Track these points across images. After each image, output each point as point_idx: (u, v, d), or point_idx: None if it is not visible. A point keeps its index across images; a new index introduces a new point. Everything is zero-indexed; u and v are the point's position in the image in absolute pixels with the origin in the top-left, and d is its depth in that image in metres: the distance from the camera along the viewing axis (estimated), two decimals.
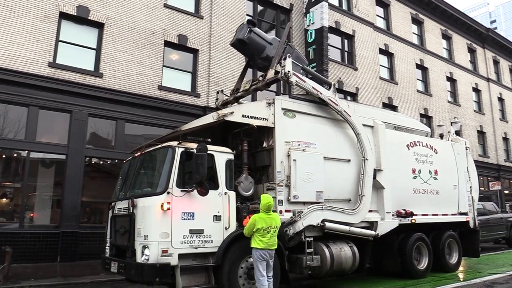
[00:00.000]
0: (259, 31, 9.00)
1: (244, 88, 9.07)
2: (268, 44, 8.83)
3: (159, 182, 6.74)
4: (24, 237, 11.41)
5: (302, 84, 8.48)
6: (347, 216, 8.43)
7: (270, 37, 9.08)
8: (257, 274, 6.52)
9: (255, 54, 8.99)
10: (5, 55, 11.88)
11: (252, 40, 8.70)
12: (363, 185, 8.74)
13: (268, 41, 8.89)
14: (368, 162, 8.87)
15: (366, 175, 8.79)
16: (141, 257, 6.37)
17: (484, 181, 27.06)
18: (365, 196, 8.68)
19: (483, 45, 31.39)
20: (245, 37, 8.60)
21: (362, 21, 21.97)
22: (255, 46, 8.82)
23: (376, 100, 21.41)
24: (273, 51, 8.73)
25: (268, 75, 8.42)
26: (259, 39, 8.82)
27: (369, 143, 9.06)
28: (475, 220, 11.58)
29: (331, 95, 8.89)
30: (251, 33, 8.72)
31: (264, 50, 8.79)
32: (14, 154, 12.43)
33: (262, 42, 8.82)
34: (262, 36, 8.96)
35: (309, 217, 7.81)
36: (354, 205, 8.68)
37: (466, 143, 12.14)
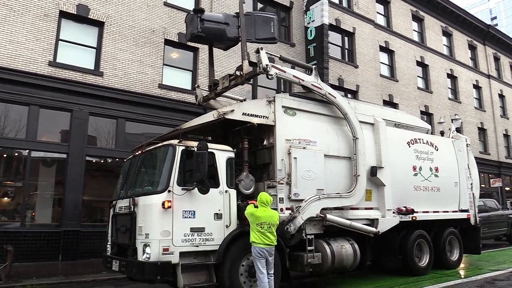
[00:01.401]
0: (210, 16, 8.42)
1: (224, 86, 8.65)
2: (225, 26, 8.32)
3: (160, 181, 6.74)
4: (25, 236, 11.44)
5: (282, 75, 8.21)
6: (344, 200, 8.39)
7: (222, 16, 8.50)
8: (257, 272, 6.53)
9: (215, 40, 8.63)
10: (5, 54, 11.89)
11: (207, 30, 8.17)
12: (356, 165, 8.67)
13: (223, 22, 8.33)
14: (358, 141, 8.77)
15: (358, 154, 8.72)
16: (142, 256, 6.38)
17: (485, 178, 27.05)
18: (360, 175, 8.62)
19: (484, 42, 31.34)
20: (199, 30, 8.06)
21: (362, 19, 21.93)
22: (213, 34, 8.35)
23: (376, 97, 21.40)
24: (233, 30, 8.32)
25: (245, 69, 8.03)
26: (214, 24, 8.28)
27: (358, 123, 8.95)
28: (476, 217, 11.57)
29: (313, 80, 8.67)
30: (203, 22, 8.16)
31: (223, 33, 8.34)
32: (15, 153, 12.45)
33: (218, 27, 8.30)
34: (216, 19, 8.38)
35: (308, 210, 7.78)
36: (350, 187, 8.63)
37: (466, 140, 12.12)
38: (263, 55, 7.83)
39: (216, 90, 8.84)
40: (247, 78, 8.29)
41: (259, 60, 7.81)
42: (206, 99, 9.20)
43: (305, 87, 8.64)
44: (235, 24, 8.31)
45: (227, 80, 8.51)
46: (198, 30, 8.05)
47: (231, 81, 8.43)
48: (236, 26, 8.29)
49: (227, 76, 8.54)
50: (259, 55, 7.81)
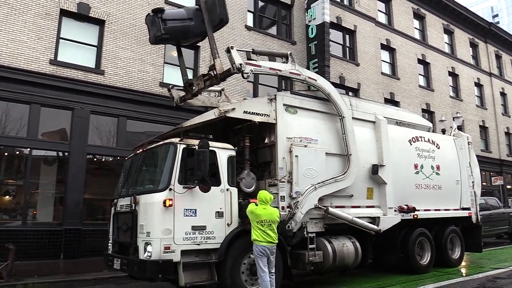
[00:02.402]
0: (172, 14, 7.92)
1: (199, 87, 8.14)
2: (189, 21, 7.82)
3: (161, 179, 6.75)
4: (27, 235, 11.45)
5: (258, 70, 7.94)
6: (339, 183, 8.34)
7: (184, 12, 8.01)
8: (259, 270, 6.53)
9: (181, 38, 8.21)
10: (6, 53, 11.89)
11: (171, 30, 7.72)
12: (347, 144, 8.61)
13: (186, 18, 7.86)
14: (345, 119, 8.69)
15: (347, 133, 8.64)
16: (143, 254, 6.39)
17: (486, 176, 27.00)
18: (352, 155, 8.57)
19: (485, 40, 31.25)
20: (163, 32, 7.64)
21: (363, 16, 21.88)
22: (178, 33, 7.90)
23: (378, 95, 21.37)
24: (199, 26, 7.79)
25: (218, 68, 7.61)
26: (178, 22, 7.80)
27: (342, 101, 8.90)
28: (477, 215, 11.56)
29: (291, 68, 8.39)
30: (166, 22, 7.68)
31: (188, 30, 7.88)
32: (16, 152, 12.45)
33: (182, 24, 7.82)
34: (178, 17, 7.91)
35: (306, 202, 7.76)
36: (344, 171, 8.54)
37: (468, 138, 12.10)
38: (234, 54, 7.47)
39: (192, 91, 8.39)
40: (223, 78, 7.86)
41: (231, 60, 7.46)
42: (183, 100, 8.81)
43: (283, 77, 8.44)
44: (199, 18, 7.77)
45: (201, 80, 8.10)
46: (162, 32, 7.61)
47: (206, 82, 8.04)
48: (200, 20, 7.76)
49: (201, 76, 8.16)
50: (230, 55, 7.46)
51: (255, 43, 17.28)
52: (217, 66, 7.63)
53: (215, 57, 7.64)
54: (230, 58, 7.44)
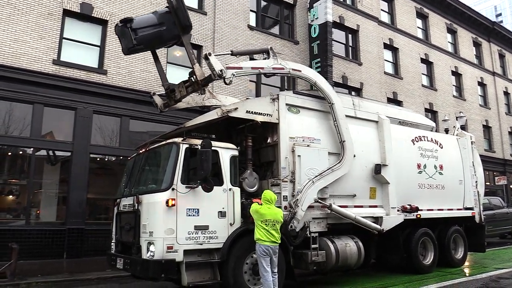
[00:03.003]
0: (141, 22, 7.52)
1: (181, 94, 7.94)
2: (160, 27, 7.48)
3: (163, 179, 6.75)
4: (30, 234, 11.50)
5: (240, 72, 7.71)
6: (336, 172, 8.27)
7: (154, 17, 7.59)
8: (261, 270, 6.52)
9: (155, 45, 7.94)
10: (10, 53, 11.93)
11: (143, 39, 7.41)
12: (339, 131, 8.51)
13: (157, 23, 7.49)
14: (335, 105, 8.58)
15: (338, 119, 8.53)
16: (146, 254, 6.40)
17: (490, 176, 26.93)
18: (346, 141, 8.48)
19: (489, 39, 31.15)
20: (134, 43, 7.32)
21: (366, 16, 21.85)
22: (150, 41, 7.60)
23: (380, 95, 21.33)
24: (172, 30, 7.49)
25: (198, 74, 7.42)
26: (149, 30, 7.44)
27: (331, 88, 8.82)
28: (481, 215, 11.51)
29: (273, 63, 8.14)
30: (136, 32, 7.35)
31: (161, 36, 7.60)
32: (19, 152, 12.50)
33: (154, 31, 7.46)
34: (149, 23, 7.52)
35: (306, 199, 7.72)
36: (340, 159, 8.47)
37: (471, 137, 12.06)
38: (213, 60, 7.25)
39: (175, 97, 8.12)
40: (204, 84, 7.73)
41: (210, 67, 7.25)
42: (167, 106, 8.53)
43: (267, 74, 8.30)
44: (171, 21, 7.44)
45: (183, 87, 7.85)
46: (134, 43, 7.32)
47: (188, 88, 7.82)
48: (172, 23, 7.44)
49: (182, 83, 7.90)
50: (209, 61, 7.23)
51: (258, 42, 17.28)
52: (196, 72, 7.43)
53: (193, 63, 7.43)
54: (209, 65, 7.24)
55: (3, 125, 11.91)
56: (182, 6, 7.31)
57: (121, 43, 7.61)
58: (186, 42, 7.60)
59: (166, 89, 8.13)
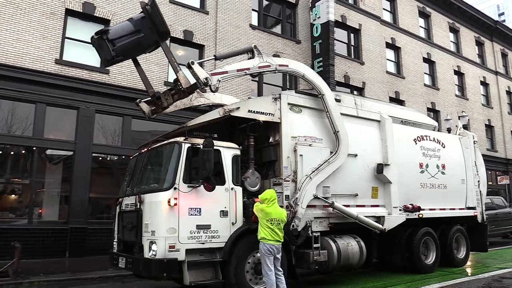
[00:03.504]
0: (118, 32, 7.23)
1: (168, 102, 7.67)
2: (137, 34, 7.17)
3: (165, 178, 6.76)
4: (33, 233, 11.53)
5: (226, 77, 7.47)
6: (333, 164, 8.19)
7: (131, 24, 7.28)
8: (265, 269, 6.53)
9: (135, 53, 7.64)
10: (12, 52, 11.96)
11: (122, 49, 7.14)
12: (332, 122, 8.42)
13: (134, 30, 7.18)
14: (325, 96, 8.45)
15: (330, 110, 8.43)
16: (148, 253, 6.40)
17: (492, 176, 26.87)
18: (340, 131, 8.40)
19: (491, 38, 31.07)
20: (113, 54, 7.09)
21: (368, 15, 21.82)
22: (129, 50, 7.33)
23: (383, 94, 21.31)
24: (150, 36, 7.18)
25: (183, 82, 7.14)
26: (126, 39, 7.14)
27: (320, 79, 8.72)
28: (483, 214, 11.50)
29: (259, 62, 7.86)
30: (114, 43, 7.08)
31: (140, 43, 7.30)
32: (22, 151, 12.53)
33: (132, 40, 7.16)
34: (125, 32, 7.22)
35: (305, 196, 7.70)
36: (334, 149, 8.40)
37: (474, 137, 12.04)
38: (197, 69, 7.02)
39: (162, 105, 7.79)
40: (190, 92, 7.47)
41: (195, 76, 7.03)
42: (154, 112, 8.16)
43: (254, 74, 8.12)
44: (148, 27, 7.11)
45: (169, 95, 7.57)
46: (112, 55, 7.07)
47: (174, 96, 7.55)
48: (149, 28, 7.11)
49: (168, 91, 7.62)
50: (192, 70, 7.01)
51: (260, 42, 17.27)
52: (181, 80, 7.14)
53: (176, 71, 7.17)
54: (193, 74, 7.03)
55: (6, 124, 11.94)
56: (157, 12, 7.04)
57: (100, 55, 7.37)
58: (166, 49, 7.39)
59: (152, 96, 7.81)
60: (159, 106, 7.84)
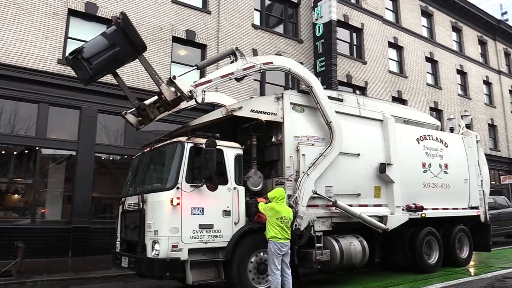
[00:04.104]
0: (92, 49, 6.93)
1: (154, 115, 7.64)
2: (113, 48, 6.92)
3: (168, 178, 6.77)
4: (36, 233, 11.56)
5: (211, 85, 7.28)
6: (328, 156, 8.09)
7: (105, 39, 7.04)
8: (272, 268, 6.55)
9: (113, 68, 7.37)
10: (15, 52, 11.99)
11: (99, 67, 6.94)
12: (324, 113, 8.27)
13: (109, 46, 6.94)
14: (314, 88, 8.35)
15: (320, 101, 8.30)
16: (151, 252, 6.42)
17: (495, 175, 26.79)
18: (332, 122, 8.29)
19: (494, 37, 30.98)
20: (91, 74, 6.90)
21: (370, 14, 21.78)
22: (107, 66, 7.13)
23: (385, 94, 21.27)
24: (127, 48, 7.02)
25: (167, 95, 7.04)
26: (102, 55, 6.88)
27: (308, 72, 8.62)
28: (486, 214, 11.47)
29: (243, 64, 7.68)
30: (90, 62, 6.83)
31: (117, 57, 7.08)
32: (25, 151, 12.56)
33: (108, 55, 6.91)
34: (101, 48, 6.94)
35: (304, 193, 7.67)
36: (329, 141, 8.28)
37: (477, 136, 12.01)
38: (179, 83, 6.87)
39: (149, 117, 7.69)
40: (175, 104, 7.40)
41: (178, 90, 6.90)
42: (142, 123, 8.04)
43: (239, 78, 7.90)
44: (123, 39, 6.94)
45: (154, 108, 7.51)
46: (90, 74, 6.89)
47: (159, 108, 7.50)
48: (124, 41, 6.95)
49: (153, 104, 7.56)
50: (175, 85, 6.88)
51: (262, 41, 17.29)
52: (165, 93, 7.01)
53: (158, 85, 7.08)
54: (177, 89, 6.92)
55: (9, 124, 11.97)
56: (129, 26, 6.89)
57: (77, 76, 7.15)
58: (144, 62, 7.22)
59: (137, 109, 7.63)
60: (146, 117, 7.69)
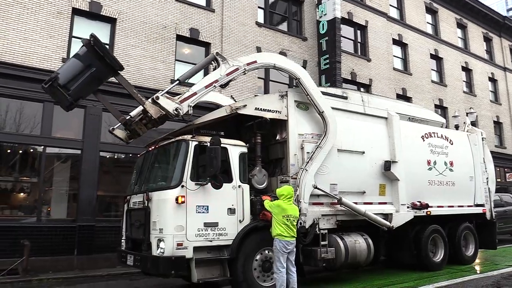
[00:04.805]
0: (68, 75, 6.72)
1: (142, 132, 7.54)
2: (89, 69, 6.76)
3: (173, 176, 6.78)
4: (41, 231, 11.62)
5: (196, 98, 7.03)
6: (324, 148, 7.97)
7: (78, 62, 6.83)
8: (278, 266, 6.55)
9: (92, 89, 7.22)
10: (20, 51, 12.04)
11: (79, 91, 6.76)
12: (315, 103, 8.14)
13: (84, 68, 6.75)
14: (302, 79, 8.24)
15: (309, 91, 8.16)
16: (156, 250, 6.43)
17: (501, 172, 26.64)
18: (325, 111, 8.19)
19: (500, 34, 30.78)
20: (71, 101, 6.72)
21: (375, 12, 21.70)
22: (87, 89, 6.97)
23: (390, 91, 21.19)
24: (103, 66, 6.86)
25: (153, 113, 6.94)
26: (79, 79, 6.70)
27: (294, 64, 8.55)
28: (491, 211, 11.41)
29: (226, 69, 7.43)
30: (67, 88, 6.63)
31: (94, 79, 6.95)
32: (30, 150, 12.62)
33: (85, 78, 6.73)
34: (76, 72, 6.73)
35: (305, 190, 7.62)
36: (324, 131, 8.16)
37: (482, 133, 11.95)
38: (164, 103, 6.68)
39: (137, 133, 7.60)
40: (163, 121, 7.29)
41: (163, 110, 6.75)
42: (131, 137, 7.89)
43: (224, 84, 7.64)
44: (97, 58, 6.78)
45: (141, 125, 7.41)
46: (70, 101, 6.70)
47: (147, 125, 7.40)
48: (99, 60, 6.80)
49: (139, 121, 7.42)
50: (159, 105, 6.69)
51: (266, 39, 17.27)
52: (150, 111, 6.90)
53: (142, 103, 6.97)
54: (162, 108, 6.76)
55: (14, 123, 12.03)
56: (102, 49, 6.81)
57: (58, 102, 7.06)
58: (123, 82, 7.08)
59: (124, 124, 7.51)
60: (135, 133, 7.61)
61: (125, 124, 7.51)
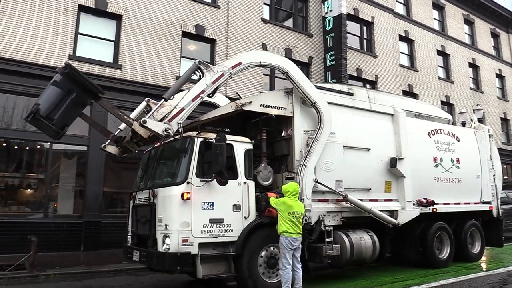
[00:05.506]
0: (48, 104, 6.66)
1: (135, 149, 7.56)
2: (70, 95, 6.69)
3: (179, 172, 6.80)
4: (48, 227, 11.70)
5: (184, 114, 6.80)
6: (320, 140, 7.85)
7: (57, 89, 6.74)
8: (284, 262, 6.56)
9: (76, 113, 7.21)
10: (27, 48, 12.10)
11: (62, 120, 6.72)
12: (305, 94, 7.97)
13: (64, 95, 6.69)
14: (290, 72, 7.98)
15: (299, 83, 7.94)
16: (162, 246, 6.45)
17: (508, 170, 26.45)
18: (317, 102, 8.02)
19: (507, 30, 30.49)
20: (57, 130, 6.74)
21: (381, 8, 21.56)
22: (70, 115, 6.96)
23: (396, 88, 21.08)
24: (83, 92, 6.86)
25: (142, 133, 6.75)
26: (61, 106, 6.64)
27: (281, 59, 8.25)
28: (498, 209, 11.35)
29: (211, 78, 7.12)
30: (51, 119, 6.60)
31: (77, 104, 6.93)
32: (37, 146, 12.69)
33: (67, 104, 6.69)
34: (56, 100, 6.69)
35: (307, 186, 7.58)
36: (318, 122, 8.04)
37: (489, 130, 11.86)
38: (151, 125, 6.50)
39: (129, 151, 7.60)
40: (153, 141, 7.26)
41: (153, 132, 6.61)
42: (124, 152, 7.90)
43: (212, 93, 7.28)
44: (75, 83, 6.71)
45: (133, 144, 7.39)
46: (56, 130, 6.71)
47: (139, 143, 7.36)
48: (77, 84, 6.73)
49: (130, 140, 7.37)
50: (148, 128, 6.53)
51: (272, 36, 17.23)
52: (139, 132, 6.73)
53: (130, 125, 6.84)
54: (150, 130, 6.60)
55: (21, 120, 12.07)
56: (79, 76, 6.72)
57: (44, 133, 7.00)
58: (108, 106, 7.01)
59: (115, 142, 7.51)
60: (128, 150, 7.59)
61: (116, 142, 7.48)
